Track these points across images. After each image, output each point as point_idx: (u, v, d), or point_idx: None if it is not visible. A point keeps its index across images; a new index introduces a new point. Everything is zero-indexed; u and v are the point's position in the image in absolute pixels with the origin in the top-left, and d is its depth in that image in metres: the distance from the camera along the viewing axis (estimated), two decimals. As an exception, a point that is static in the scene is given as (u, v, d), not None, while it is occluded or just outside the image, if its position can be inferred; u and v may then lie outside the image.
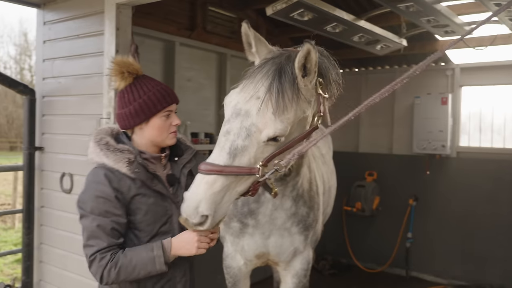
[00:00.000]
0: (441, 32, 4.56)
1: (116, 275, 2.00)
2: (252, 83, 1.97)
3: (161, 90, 2.14)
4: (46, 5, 4.00)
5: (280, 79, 1.93)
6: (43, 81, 4.07)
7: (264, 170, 1.93)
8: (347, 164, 6.19)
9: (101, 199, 2.03)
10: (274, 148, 1.95)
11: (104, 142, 2.10)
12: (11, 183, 12.07)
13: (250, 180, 1.97)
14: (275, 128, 1.90)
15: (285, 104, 1.90)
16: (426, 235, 6.34)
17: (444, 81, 6.30)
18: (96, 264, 2.00)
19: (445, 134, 6.04)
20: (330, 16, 3.75)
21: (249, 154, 1.91)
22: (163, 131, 2.17)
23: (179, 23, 5.15)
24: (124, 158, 2.05)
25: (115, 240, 2.03)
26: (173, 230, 2.18)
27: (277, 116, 1.89)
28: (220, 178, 1.87)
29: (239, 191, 1.97)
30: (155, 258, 2.02)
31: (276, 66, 1.97)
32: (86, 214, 2.05)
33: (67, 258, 3.87)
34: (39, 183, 4.14)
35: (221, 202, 1.90)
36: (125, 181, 2.06)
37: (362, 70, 7.12)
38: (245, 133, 1.90)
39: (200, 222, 1.88)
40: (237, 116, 1.94)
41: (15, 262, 7.52)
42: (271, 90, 1.91)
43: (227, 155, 1.89)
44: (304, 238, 2.80)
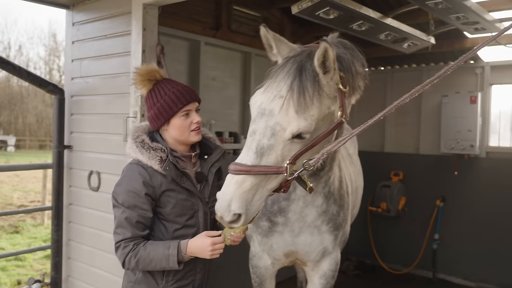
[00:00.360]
0: (471, 30, 4.45)
1: (135, 264, 2.21)
2: (275, 83, 2.01)
3: (176, 92, 2.27)
4: (75, 6, 4.08)
5: (301, 77, 1.96)
6: (72, 81, 4.15)
7: (292, 168, 1.95)
8: (372, 164, 6.11)
9: (132, 193, 2.22)
10: (300, 146, 1.97)
11: (140, 140, 2.29)
12: (40, 181, 12.39)
13: (280, 178, 1.98)
14: (299, 126, 1.92)
15: (307, 102, 1.93)
16: (454, 236, 6.21)
17: (474, 79, 6.15)
18: (120, 251, 2.23)
19: (474, 134, 5.90)
20: (356, 14, 3.71)
21: (276, 152, 1.94)
22: (184, 130, 2.29)
23: (204, 23, 5.17)
24: (156, 156, 2.23)
25: (139, 232, 2.24)
26: (198, 224, 2.36)
27: (300, 114, 1.92)
28: (248, 177, 1.90)
29: (270, 189, 1.99)
30: (169, 256, 2.18)
31: (297, 65, 2.00)
32: (117, 205, 2.26)
33: (95, 255, 3.94)
34: (68, 181, 4.22)
35: (252, 200, 1.93)
36: (156, 177, 2.24)
37: (388, 68, 7.02)
38: (270, 132, 1.94)
39: (233, 220, 1.94)
40: (262, 116, 1.98)
41: (45, 258, 7.72)
42: (293, 88, 1.94)
43: (254, 154, 1.93)
44: (334, 238, 2.78)
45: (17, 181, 17.49)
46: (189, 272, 2.36)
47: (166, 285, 2.32)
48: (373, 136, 6.93)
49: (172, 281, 2.33)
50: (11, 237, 9.34)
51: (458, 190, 6.17)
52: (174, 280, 2.33)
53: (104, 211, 3.75)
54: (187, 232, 2.33)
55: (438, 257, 6.27)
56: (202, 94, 5.04)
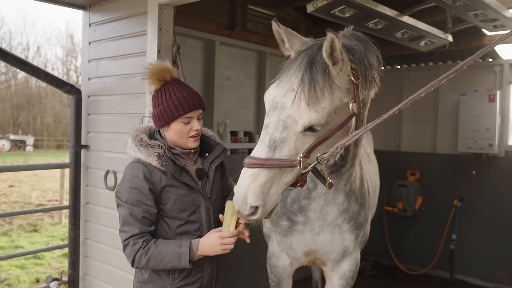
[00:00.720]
0: (490, 27, 4.37)
1: (145, 262, 2.22)
2: (287, 77, 2.02)
3: (180, 98, 2.29)
4: (92, 7, 4.12)
5: (311, 70, 1.96)
6: (89, 81, 4.19)
7: (306, 162, 1.94)
8: (388, 163, 6.07)
9: (135, 190, 2.26)
10: (313, 139, 1.96)
11: (138, 139, 2.34)
12: (58, 180, 12.54)
13: (295, 172, 1.98)
14: (310, 118, 1.92)
15: (317, 94, 1.92)
16: (471, 237, 6.12)
17: (492, 77, 6.05)
18: (129, 248, 2.24)
19: (492, 133, 5.80)
20: (372, 12, 3.67)
21: (289, 146, 1.94)
22: (182, 136, 2.33)
23: (219, 22, 5.18)
24: (154, 153, 2.28)
25: (146, 228, 2.26)
26: (201, 219, 2.38)
27: (311, 106, 1.92)
28: (263, 170, 1.91)
29: (285, 183, 1.99)
30: (181, 255, 2.20)
31: (308, 58, 2.01)
32: (121, 203, 2.29)
33: (111, 253, 3.97)
34: (85, 180, 4.27)
35: (268, 192, 1.94)
36: (156, 173, 2.28)
37: (405, 67, 6.94)
38: (282, 126, 1.94)
39: (251, 212, 1.95)
40: (274, 109, 2.00)
41: (62, 256, 7.82)
42: (304, 81, 1.95)
43: (267, 148, 1.94)
44: (355, 237, 2.75)
45: (35, 180, 17.76)
46: (196, 270, 2.37)
47: (172, 283, 2.34)
48: (389, 135, 6.87)
49: (179, 279, 2.34)
50: (30, 236, 9.48)
51: (476, 189, 6.08)
52: (181, 277, 2.35)
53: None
54: (190, 228, 2.36)
55: (455, 257, 6.19)
56: (217, 94, 5.05)
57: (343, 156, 2.38)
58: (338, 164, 2.43)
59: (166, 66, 2.39)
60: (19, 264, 7.42)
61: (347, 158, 2.43)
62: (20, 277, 6.84)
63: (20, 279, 6.78)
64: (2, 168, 4.31)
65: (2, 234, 9.39)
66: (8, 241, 8.90)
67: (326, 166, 2.44)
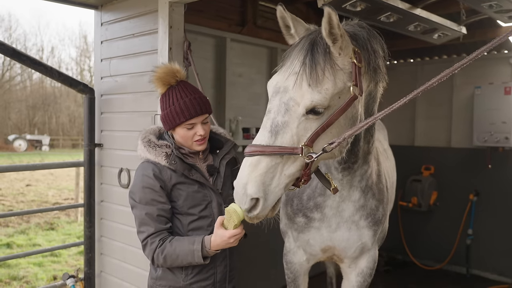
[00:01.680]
0: (505, 18, 4.29)
1: (163, 261, 2.27)
2: (289, 61, 2.00)
3: (182, 104, 2.31)
4: (103, 6, 4.14)
5: (313, 51, 1.93)
6: (101, 80, 4.22)
7: (309, 151, 1.88)
8: (403, 158, 6.00)
9: (147, 189, 2.31)
10: (316, 124, 1.91)
11: (147, 140, 2.40)
12: (73, 179, 12.69)
13: (298, 163, 1.91)
14: (312, 99, 1.87)
15: (318, 75, 1.89)
16: (488, 231, 6.04)
17: (508, 69, 5.95)
18: (148, 248, 2.30)
19: (509, 126, 5.71)
20: (384, 5, 3.63)
21: (291, 131, 1.88)
22: (187, 140, 2.38)
23: (230, 19, 5.17)
24: (162, 153, 2.34)
25: (162, 226, 2.30)
26: (213, 214, 2.41)
27: (313, 87, 1.88)
28: (263, 158, 1.86)
29: (288, 175, 1.91)
30: (194, 252, 2.22)
31: (309, 41, 1.98)
32: (135, 204, 2.35)
33: (126, 251, 4.01)
34: (99, 178, 4.30)
35: (270, 184, 1.87)
36: (166, 172, 2.33)
37: (418, 60, 6.87)
38: (284, 109, 1.90)
39: (251, 206, 1.88)
40: (276, 94, 1.97)
41: (78, 254, 7.92)
42: (305, 63, 1.91)
43: (269, 133, 1.90)
44: (373, 233, 2.71)
45: (51, 179, 18.01)
46: (208, 266, 2.38)
47: (185, 279, 2.37)
48: (403, 129, 6.81)
49: (192, 275, 2.37)
50: (46, 234, 9.62)
51: (492, 183, 6.00)
52: (193, 273, 2.37)
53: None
54: (202, 223, 2.38)
55: (471, 252, 6.12)
56: (229, 91, 5.05)
57: (354, 153, 2.35)
58: (349, 161, 2.40)
59: (171, 70, 2.40)
60: (37, 262, 7.54)
61: (358, 154, 2.39)
62: (38, 275, 6.95)
63: (38, 276, 6.89)
64: (18, 167, 4.36)
65: (20, 233, 9.54)
66: (25, 239, 9.05)
67: (337, 163, 2.42)
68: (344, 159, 2.37)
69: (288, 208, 2.83)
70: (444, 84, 7.11)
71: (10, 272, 7.00)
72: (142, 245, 2.34)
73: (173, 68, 2.42)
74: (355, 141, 2.31)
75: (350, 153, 2.34)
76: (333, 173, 2.50)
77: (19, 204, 12.64)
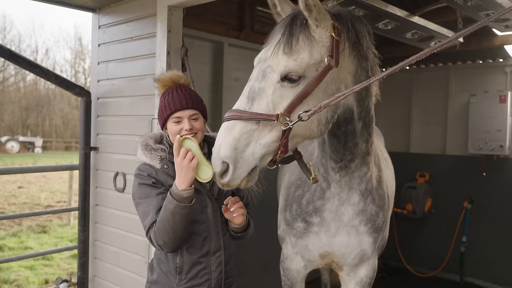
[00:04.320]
0: (501, 27, 4.32)
1: (160, 236, 2.21)
2: (272, 36, 2.07)
3: (169, 98, 2.36)
4: (101, 9, 4.13)
5: (291, 23, 2.01)
6: (98, 83, 4.21)
7: (285, 119, 1.90)
8: (397, 164, 5.99)
9: (143, 185, 2.34)
10: (292, 93, 1.95)
11: (144, 143, 2.43)
12: (67, 182, 12.61)
13: (274, 132, 1.92)
14: (286, 65, 1.93)
15: (293, 43, 1.96)
16: (482, 239, 6.05)
17: (503, 78, 5.99)
18: (152, 239, 2.26)
19: (503, 134, 5.74)
20: (382, 12, 3.64)
21: (267, 97, 1.94)
22: (175, 136, 2.33)
23: (228, 24, 5.17)
24: (157, 156, 2.36)
25: None
26: (208, 220, 2.37)
27: (289, 55, 1.94)
28: (238, 122, 1.90)
29: (264, 144, 1.92)
30: (167, 199, 2.17)
31: (291, 16, 2.05)
32: (136, 202, 2.36)
33: (120, 255, 3.98)
34: (94, 182, 4.28)
35: (243, 151, 1.89)
36: (161, 174, 2.35)
37: (414, 67, 6.89)
38: (261, 75, 1.98)
39: (222, 170, 1.91)
40: (257, 64, 2.04)
41: (71, 258, 7.85)
42: (284, 33, 1.99)
43: (246, 99, 1.96)
44: (373, 241, 2.67)
45: (44, 181, 17.88)
46: (203, 271, 2.36)
47: (179, 283, 2.34)
48: (398, 136, 6.83)
49: (186, 280, 2.34)
50: (38, 237, 9.54)
51: (486, 191, 6.02)
52: (187, 278, 2.34)
53: (130, 212, 3.78)
54: (197, 228, 2.35)
55: (465, 260, 6.13)
56: (226, 95, 5.04)
57: (348, 148, 2.35)
58: (345, 158, 2.38)
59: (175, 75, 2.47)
60: (28, 265, 7.46)
61: (353, 151, 2.37)
62: (29, 278, 6.87)
63: (29, 280, 6.81)
64: (13, 170, 4.33)
65: (12, 235, 9.46)
66: (17, 242, 8.96)
67: (333, 162, 2.41)
68: (339, 157, 2.37)
69: (287, 213, 2.81)
70: (439, 91, 7.14)
71: (1, 275, 6.92)
72: (148, 238, 2.30)
73: (176, 74, 2.49)
74: (349, 133, 2.30)
75: (345, 148, 2.34)
76: (331, 174, 2.49)
77: (10, 207, 12.53)
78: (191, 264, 2.34)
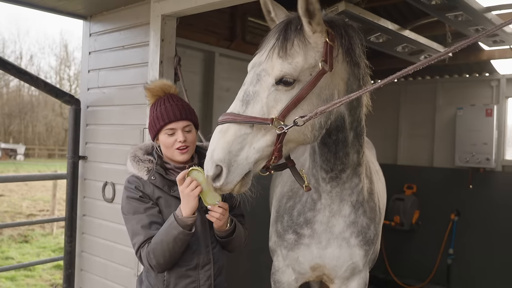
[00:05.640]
0: (489, 42, 4.41)
1: (154, 258, 2.18)
2: (266, 41, 2.07)
3: (162, 109, 2.33)
4: (93, 17, 4.09)
5: (286, 28, 2.01)
6: (88, 91, 4.15)
7: (280, 123, 1.89)
8: (385, 176, 6.03)
9: (131, 199, 2.31)
10: (286, 97, 1.94)
11: (133, 155, 2.41)
12: (49, 190, 12.40)
13: (268, 137, 1.91)
14: (281, 68, 1.93)
15: (287, 47, 1.97)
16: (468, 251, 6.10)
17: (489, 92, 6.09)
18: (142, 258, 2.24)
19: (490, 147, 5.82)
20: (374, 26, 3.68)
21: (261, 101, 1.93)
22: (168, 147, 2.34)
23: (219, 34, 5.18)
24: (144, 167, 2.34)
25: (152, 232, 2.24)
26: (197, 232, 2.31)
27: (283, 59, 1.95)
28: (232, 126, 1.88)
29: (258, 148, 1.90)
30: (171, 224, 2.16)
31: (285, 21, 2.06)
32: (125, 216, 2.33)
33: (108, 267, 3.90)
34: (82, 191, 4.20)
35: (237, 155, 1.87)
36: (149, 186, 2.33)
37: (402, 80, 6.97)
38: (256, 79, 1.97)
39: (216, 173, 1.87)
40: (252, 68, 2.04)
41: (54, 268, 7.68)
42: (278, 38, 1.99)
43: (240, 102, 1.94)
44: (364, 253, 2.66)
45: (26, 189, 17.54)
46: (191, 285, 2.32)
47: None
48: (386, 148, 6.87)
49: None
50: (20, 247, 9.32)
51: (473, 204, 6.08)
52: None
53: (118, 222, 3.72)
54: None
55: (452, 272, 6.16)
56: (216, 105, 5.02)
57: (339, 158, 2.34)
58: (336, 168, 2.38)
59: (163, 84, 2.43)
60: (9, 276, 7.26)
61: (344, 161, 2.36)
62: (11, 290, 6.70)
63: (10, 291, 6.64)
64: (-2, 178, 4.23)
65: (-8, 245, 9.23)
66: (-2, 252, 8.75)
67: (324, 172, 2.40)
68: (330, 167, 2.36)
69: (279, 225, 2.79)
70: (427, 104, 7.19)
71: (-19, 286, 6.74)
72: (138, 258, 2.27)
73: (166, 83, 2.45)
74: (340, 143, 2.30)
75: (335, 158, 2.33)
76: (321, 184, 2.48)
77: (-9, 215, 12.25)
78: (178, 277, 2.31)
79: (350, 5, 3.38)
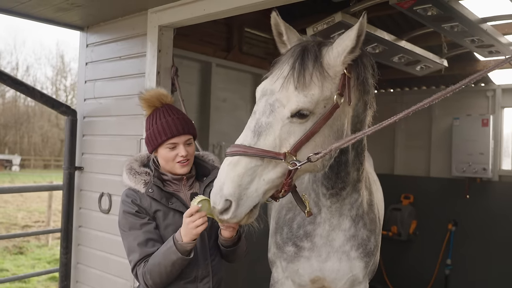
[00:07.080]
0: (485, 53, 4.43)
1: (150, 277, 2.16)
2: (278, 66, 2.00)
3: (164, 123, 2.29)
4: (90, 28, 4.10)
5: (303, 56, 1.94)
6: (84, 102, 4.14)
7: (292, 158, 1.84)
8: (382, 186, 6.04)
9: (128, 214, 2.27)
10: (300, 131, 1.89)
11: (129, 167, 2.38)
12: (45, 201, 12.32)
13: (279, 169, 1.86)
14: (298, 102, 1.87)
15: (306, 79, 1.90)
16: (466, 262, 6.08)
17: (485, 102, 6.12)
18: (138, 276, 2.21)
19: (486, 157, 5.83)
20: (371, 36, 3.70)
21: (274, 133, 1.86)
22: (168, 161, 2.31)
23: (216, 45, 5.19)
24: (141, 180, 2.31)
25: (148, 249, 2.20)
26: (196, 246, 2.25)
27: (300, 91, 1.87)
28: (243, 158, 1.81)
29: (267, 180, 1.85)
30: (170, 249, 2.12)
31: (301, 47, 1.99)
32: (121, 231, 2.31)
33: (103, 279, 3.86)
34: (78, 202, 4.17)
35: (247, 188, 1.81)
36: (146, 199, 2.29)
37: (398, 91, 7.00)
38: (269, 110, 1.89)
39: (224, 208, 1.81)
40: (263, 96, 1.96)
41: (49, 280, 7.60)
42: (294, 67, 1.92)
43: (252, 133, 1.87)
44: (365, 265, 2.64)
45: (21, 200, 17.43)
46: None
47: None
48: (383, 158, 6.87)
49: None
50: (15, 258, 9.23)
51: (470, 214, 6.07)
52: None
53: (114, 233, 3.68)
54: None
55: (450, 282, 6.14)
56: (213, 116, 5.02)
57: (340, 177, 2.34)
58: (336, 186, 2.37)
59: (158, 93, 2.39)
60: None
61: (345, 180, 2.37)
62: (5, 302, 6.62)
63: (5, 304, 6.56)
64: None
65: (-14, 257, 9.14)
66: (-8, 264, 8.66)
67: (325, 188, 2.40)
68: (331, 184, 2.35)
69: (278, 237, 2.77)
70: (423, 115, 7.23)
71: (-25, 299, 6.65)
72: (133, 275, 2.24)
73: (161, 92, 2.41)
74: (342, 164, 2.29)
75: (337, 177, 2.32)
76: (322, 199, 2.48)
77: (-14, 227, 12.15)
78: None
79: (346, 16, 3.39)
